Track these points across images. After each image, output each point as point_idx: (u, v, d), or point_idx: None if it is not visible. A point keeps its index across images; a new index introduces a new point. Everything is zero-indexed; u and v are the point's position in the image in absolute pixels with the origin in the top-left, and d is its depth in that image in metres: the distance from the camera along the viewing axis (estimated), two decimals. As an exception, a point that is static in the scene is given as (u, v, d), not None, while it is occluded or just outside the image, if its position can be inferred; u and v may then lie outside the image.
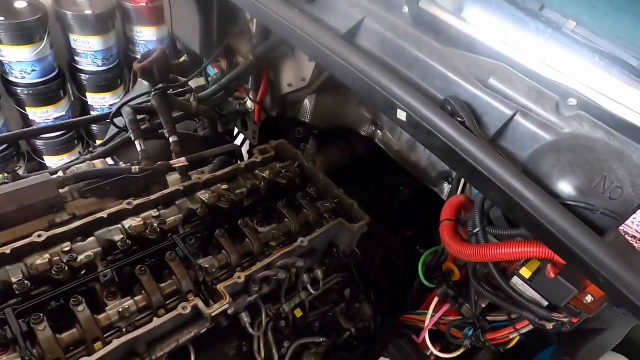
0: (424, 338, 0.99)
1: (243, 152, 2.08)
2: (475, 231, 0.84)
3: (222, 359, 1.02)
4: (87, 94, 2.89)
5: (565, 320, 0.74)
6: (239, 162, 1.29)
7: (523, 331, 0.86)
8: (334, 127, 1.78)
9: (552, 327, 0.76)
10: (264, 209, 1.22)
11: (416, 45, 0.93)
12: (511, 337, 0.89)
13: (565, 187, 0.73)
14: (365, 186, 1.98)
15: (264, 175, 1.28)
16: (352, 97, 1.71)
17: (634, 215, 0.67)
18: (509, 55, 0.86)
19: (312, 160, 1.69)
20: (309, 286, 1.17)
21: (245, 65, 1.47)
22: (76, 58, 2.71)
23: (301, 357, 1.22)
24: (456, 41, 0.91)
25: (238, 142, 2.09)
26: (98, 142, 3.00)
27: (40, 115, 2.73)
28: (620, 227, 0.68)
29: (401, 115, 0.82)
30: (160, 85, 1.37)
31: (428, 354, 1.02)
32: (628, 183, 0.70)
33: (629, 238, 0.68)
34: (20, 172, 2.84)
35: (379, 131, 1.74)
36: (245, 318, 1.04)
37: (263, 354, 1.08)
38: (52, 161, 2.94)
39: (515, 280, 0.80)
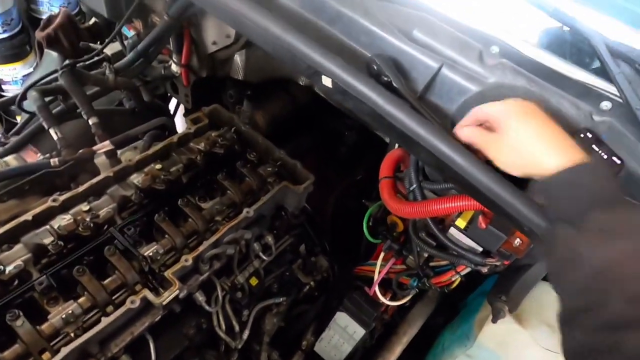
0: (374, 291, 1.04)
1: (179, 115, 1.97)
2: (411, 188, 0.85)
3: (182, 340, 1.03)
4: (-6, 66, 2.58)
5: (498, 263, 0.79)
6: (171, 137, 1.22)
7: (463, 273, 0.92)
8: (270, 79, 1.70)
9: (487, 270, 0.81)
10: (204, 184, 1.18)
11: (337, -2, 0.87)
12: (453, 279, 0.95)
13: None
14: (311, 133, 1.96)
15: (200, 147, 1.22)
16: (284, 46, 1.62)
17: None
18: (430, 4, 0.82)
19: (250, 120, 1.63)
20: (260, 254, 1.18)
21: (162, 27, 1.33)
22: (-30, 27, 2.38)
23: (264, 319, 1.26)
24: (377, -8, 0.86)
25: (172, 105, 1.97)
26: (18, 118, 2.74)
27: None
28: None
29: (326, 82, 0.78)
30: (67, 61, 1.23)
31: (380, 302, 1.08)
32: (548, 130, 0.72)
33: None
34: None
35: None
36: (200, 297, 1.04)
37: (224, 327, 1.09)
38: (-30, 145, 2.68)
39: (452, 230, 0.84)
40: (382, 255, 1.01)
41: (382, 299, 1.03)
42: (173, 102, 1.97)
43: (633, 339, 0.48)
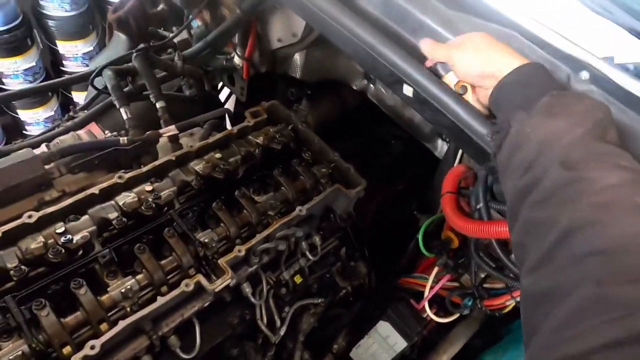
0: (424, 306, 1.03)
1: (229, 107, 2.01)
2: (478, 207, 0.84)
3: (226, 329, 1.05)
4: (57, 42, 2.69)
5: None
6: (232, 128, 1.24)
7: (519, 299, 0.90)
8: (325, 80, 1.71)
9: (549, 299, 0.79)
10: (259, 177, 1.20)
11: (422, 8, 0.87)
12: (507, 303, 0.93)
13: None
14: (357, 139, 1.96)
15: (258, 141, 1.23)
16: (343, 50, 1.63)
17: None
18: (521, 23, 0.81)
19: (305, 120, 1.65)
20: (307, 252, 1.18)
21: (232, 20, 1.36)
22: (41, 2, 2.49)
23: (301, 318, 1.27)
24: (465, 5, 0.85)
25: (223, 96, 2.00)
26: (74, 94, 2.85)
27: (8, 66, 2.55)
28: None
29: (407, 90, 0.78)
30: (142, 45, 1.27)
31: (425, 316, 1.06)
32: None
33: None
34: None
35: (371, 85, 1.68)
36: (247, 288, 1.05)
37: (265, 321, 1.10)
38: (27, 115, 2.80)
39: (516, 254, 0.82)
40: (435, 270, 1.00)
41: (430, 314, 1.02)
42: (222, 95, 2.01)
43: (568, 211, 0.52)
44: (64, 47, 2.72)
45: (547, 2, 0.88)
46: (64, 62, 2.77)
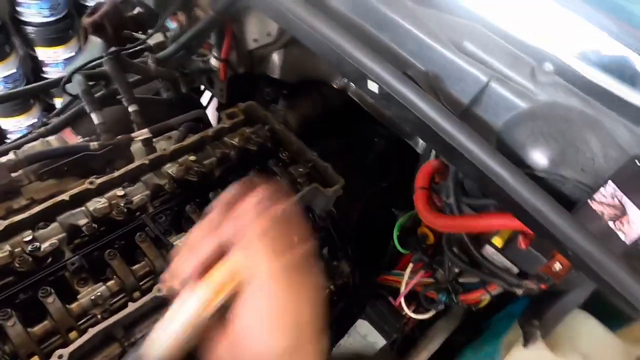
0: (400, 302, 1.02)
1: (212, 109, 1.99)
2: (449, 201, 0.84)
3: (202, 333, 1.03)
4: (37, 49, 2.66)
5: (535, 286, 0.77)
6: (207, 130, 1.23)
7: (494, 293, 0.90)
8: (304, 79, 1.70)
9: (522, 292, 0.79)
10: (235, 179, 1.19)
11: (387, 4, 0.86)
12: (482, 297, 0.93)
13: (539, 158, 0.72)
14: (340, 138, 1.95)
15: (234, 142, 1.22)
16: (322, 48, 1.63)
17: (603, 187, 0.67)
18: (483, 15, 0.81)
19: (283, 120, 1.64)
20: (285, 253, 1.17)
21: (206, 21, 1.35)
22: (18, 9, 2.46)
23: (282, 319, 1.26)
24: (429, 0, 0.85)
25: (205, 99, 1.99)
26: (56, 100, 2.82)
27: (-13, 74, 2.52)
28: (590, 199, 0.68)
29: (372, 86, 0.77)
30: (113, 48, 1.26)
31: (403, 313, 1.06)
32: (600, 154, 0.69)
33: (598, 209, 0.68)
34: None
35: (351, 83, 1.68)
36: (223, 291, 1.04)
37: (244, 323, 1.09)
38: (9, 123, 2.76)
39: (488, 248, 0.81)
40: (410, 266, 1.00)
41: (407, 311, 1.02)
42: (204, 98, 2.00)
43: None
44: (44, 53, 2.69)
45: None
46: (44, 68, 2.73)
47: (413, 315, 1.02)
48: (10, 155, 1.00)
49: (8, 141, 2.92)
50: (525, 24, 0.77)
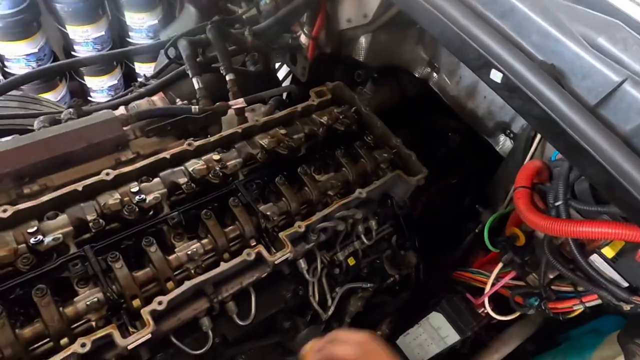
0: (483, 302, 1.00)
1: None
2: (556, 204, 0.80)
3: (279, 301, 1.07)
4: (125, 13, 2.79)
5: (645, 303, 0.73)
6: (296, 105, 1.24)
7: (589, 304, 0.85)
8: (387, 66, 1.68)
9: (629, 308, 0.75)
10: (321, 157, 1.20)
11: (515, -9, 0.82)
12: (575, 308, 0.89)
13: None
14: (413, 129, 1.92)
15: (322, 120, 1.23)
16: (410, 35, 1.59)
17: None
18: (627, 11, 0.75)
19: (367, 103, 1.63)
20: (362, 236, 1.18)
21: (304, -2, 1.36)
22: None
23: (348, 300, 1.27)
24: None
25: (280, 75, 2.01)
26: (137, 65, 2.96)
27: (81, 34, 2.67)
28: None
29: (495, 76, 0.75)
30: (217, 17, 1.29)
31: (481, 312, 1.04)
32: None
33: None
34: (62, 93, 2.84)
35: (434, 73, 1.64)
36: (302, 264, 1.06)
37: (317, 298, 1.11)
38: (93, 82, 2.94)
39: (595, 257, 0.77)
40: (499, 266, 0.97)
41: (489, 311, 0.99)
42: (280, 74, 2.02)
43: None
44: (131, 18, 2.81)
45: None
46: (130, 33, 2.86)
47: (497, 317, 0.99)
48: (122, 110, 1.06)
49: (95, 100, 3.09)
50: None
